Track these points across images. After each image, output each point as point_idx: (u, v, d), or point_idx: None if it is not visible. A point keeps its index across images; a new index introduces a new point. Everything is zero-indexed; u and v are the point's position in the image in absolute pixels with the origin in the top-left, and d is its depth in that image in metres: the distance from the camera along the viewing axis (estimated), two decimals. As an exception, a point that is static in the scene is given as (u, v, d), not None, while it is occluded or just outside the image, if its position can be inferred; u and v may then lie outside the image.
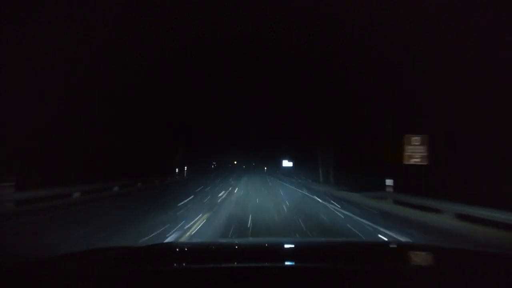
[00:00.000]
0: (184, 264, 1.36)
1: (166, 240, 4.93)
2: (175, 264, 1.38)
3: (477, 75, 10.18)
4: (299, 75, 24.78)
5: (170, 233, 5.54)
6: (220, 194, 12.69)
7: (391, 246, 2.39)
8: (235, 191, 14.36)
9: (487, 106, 10.72)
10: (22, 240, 5.04)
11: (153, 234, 5.39)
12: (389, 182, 10.79)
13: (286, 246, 2.08)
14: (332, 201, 10.98)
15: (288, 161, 39.06)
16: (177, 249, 1.82)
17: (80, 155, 13.19)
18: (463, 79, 10.56)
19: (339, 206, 9.79)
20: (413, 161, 10.52)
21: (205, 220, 6.83)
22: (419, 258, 1.60)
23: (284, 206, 9.57)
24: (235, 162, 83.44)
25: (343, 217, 7.90)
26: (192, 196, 11.54)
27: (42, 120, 11.19)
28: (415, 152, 10.42)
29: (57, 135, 12.09)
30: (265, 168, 55.84)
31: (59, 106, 12.15)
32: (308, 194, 14.05)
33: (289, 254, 1.76)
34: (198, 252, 1.73)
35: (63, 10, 11.80)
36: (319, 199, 11.76)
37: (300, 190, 16.22)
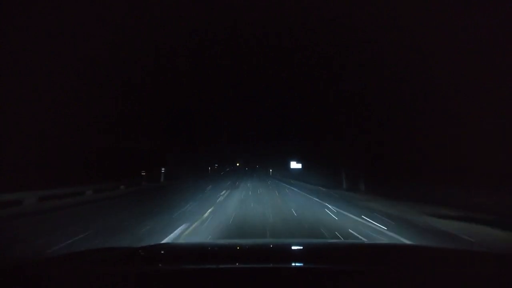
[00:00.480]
0: (183, 265, 1.35)
1: None
2: (175, 264, 1.37)
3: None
4: (308, 70, 24.31)
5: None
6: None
7: (394, 248, 2.38)
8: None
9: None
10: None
11: None
12: None
13: (287, 247, 2.07)
14: None
15: (297, 162, 35.11)
16: (177, 250, 1.81)
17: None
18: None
19: None
20: None
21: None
22: (420, 259, 1.59)
23: None
24: (238, 164, 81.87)
25: None
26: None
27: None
28: None
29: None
30: (271, 170, 49.20)
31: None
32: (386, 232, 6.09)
33: (289, 255, 1.75)
34: (197, 252, 1.72)
35: (62, 11, 11.83)
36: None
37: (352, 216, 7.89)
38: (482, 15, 9.48)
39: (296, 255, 1.75)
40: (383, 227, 6.54)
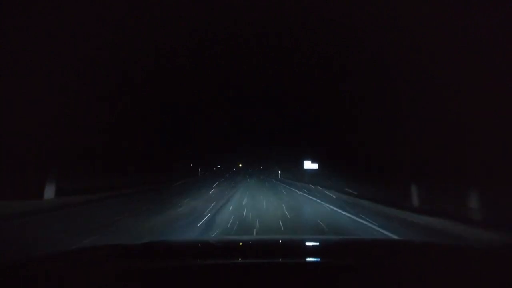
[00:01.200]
0: (188, 260, 1.34)
1: None
2: (179, 260, 1.35)
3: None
4: (308, 70, 23.86)
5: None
6: None
7: (396, 243, 2.36)
8: None
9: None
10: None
11: None
12: None
13: (289, 243, 2.02)
14: None
15: (312, 162, 30.24)
16: (180, 245, 1.80)
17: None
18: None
19: None
20: None
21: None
22: (421, 255, 1.58)
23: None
24: (240, 165, 78.17)
25: None
26: None
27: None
28: None
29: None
30: (279, 172, 39.70)
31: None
32: None
33: (289, 250, 1.72)
34: (202, 248, 1.71)
35: (62, 11, 11.81)
36: None
37: None
38: (482, 15, 9.45)
39: (304, 250, 1.72)
40: None
